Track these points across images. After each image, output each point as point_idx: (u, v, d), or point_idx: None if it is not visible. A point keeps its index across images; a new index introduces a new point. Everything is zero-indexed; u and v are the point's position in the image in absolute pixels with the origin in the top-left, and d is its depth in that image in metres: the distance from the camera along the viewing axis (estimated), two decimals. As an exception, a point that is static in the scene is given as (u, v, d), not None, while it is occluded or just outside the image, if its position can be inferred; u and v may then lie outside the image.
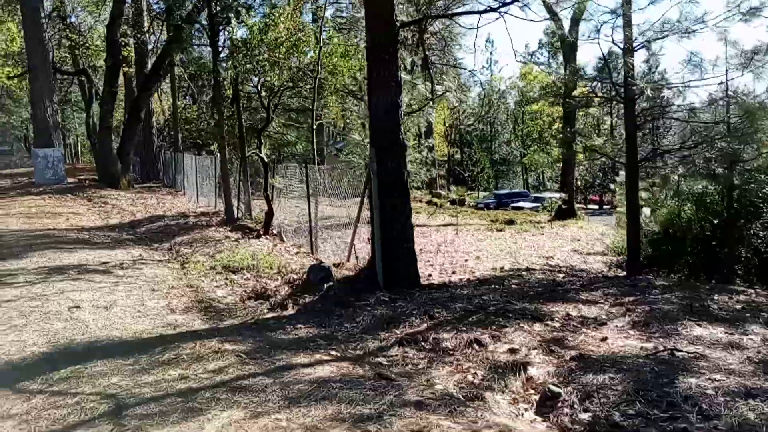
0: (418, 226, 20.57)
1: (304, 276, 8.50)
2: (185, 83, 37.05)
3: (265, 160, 13.14)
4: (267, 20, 11.91)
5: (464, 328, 6.48)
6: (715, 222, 12.26)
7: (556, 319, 6.90)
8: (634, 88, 10.25)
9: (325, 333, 6.56)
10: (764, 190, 11.27)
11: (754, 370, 4.93)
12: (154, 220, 16.59)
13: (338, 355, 5.80)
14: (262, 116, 16.74)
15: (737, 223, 11.68)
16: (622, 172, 28.02)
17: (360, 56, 13.19)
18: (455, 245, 16.15)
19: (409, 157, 9.21)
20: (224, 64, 13.87)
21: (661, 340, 6.08)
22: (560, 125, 50.82)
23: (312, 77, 12.71)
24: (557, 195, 39.23)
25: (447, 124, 65.38)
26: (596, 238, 20.81)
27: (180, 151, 31.80)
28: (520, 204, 43.12)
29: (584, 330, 6.52)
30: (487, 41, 76.61)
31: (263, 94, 13.24)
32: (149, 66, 28.38)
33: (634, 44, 10.22)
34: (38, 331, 6.15)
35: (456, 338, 6.16)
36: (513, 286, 9.16)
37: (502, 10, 9.24)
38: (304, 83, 13.10)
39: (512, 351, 5.80)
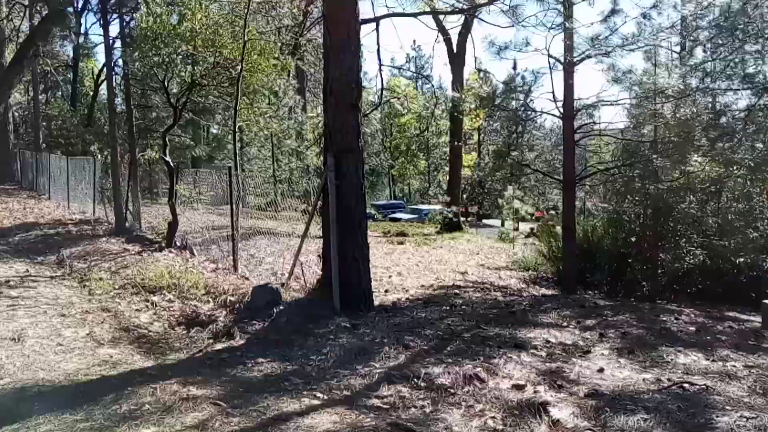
0: (314, 237, 19.76)
1: (246, 298, 7.49)
2: (51, 77, 33.89)
3: (171, 164, 11.83)
4: (181, 8, 10.71)
5: (449, 360, 5.87)
6: (631, 240, 12.48)
7: (539, 347, 6.46)
8: (575, 102, 10.11)
9: (293, 368, 5.68)
10: (680, 206, 11.55)
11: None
12: (27, 228, 14.64)
13: (326, 398, 4.96)
14: (160, 115, 15.27)
15: (652, 241, 11.91)
16: (510, 187, 28.66)
17: (278, 55, 12.24)
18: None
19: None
20: (120, 57, 12.41)
21: (655, 370, 5.87)
22: (446, 138, 51.69)
23: (227, 75, 11.58)
24: (436, 207, 39.65)
25: (317, 134, 64.74)
26: (492, 252, 20.93)
27: (40, 151, 29.01)
28: (398, 215, 43.05)
29: (574, 360, 6.11)
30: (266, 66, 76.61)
31: (174, 91, 11.92)
32: (6, 56, 25.54)
33: (575, 59, 10.08)
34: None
35: (448, 373, 5.50)
36: (464, 307, 8.64)
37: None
38: (217, 80, 11.91)
39: (518, 387, 5.24)
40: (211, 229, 12.65)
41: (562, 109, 10.16)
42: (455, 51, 29.79)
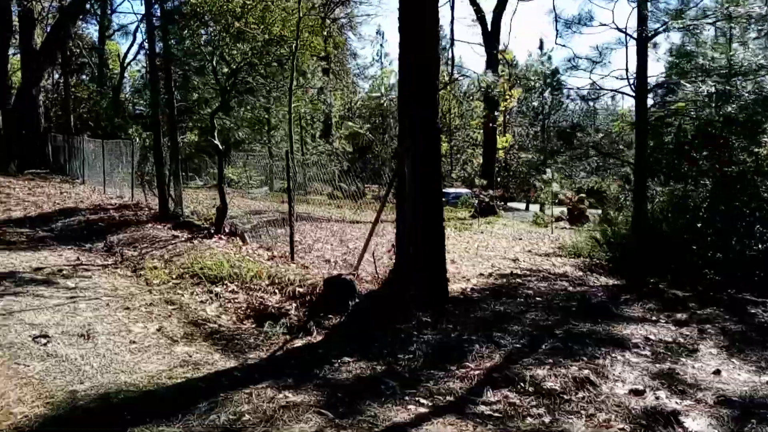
0: (348, 222, 19.30)
1: (317, 290, 7.08)
2: (76, 59, 33.62)
3: (220, 147, 11.42)
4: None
5: (549, 361, 5.42)
6: (696, 225, 11.87)
7: (640, 345, 5.99)
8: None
9: (383, 368, 5.27)
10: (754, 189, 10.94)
11: None
12: (68, 214, 14.35)
13: (430, 404, 4.55)
14: (203, 96, 14.85)
15: (722, 225, 11.31)
16: (549, 170, 28.08)
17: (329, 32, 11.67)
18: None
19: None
20: (167, 36, 11.94)
21: (775, 372, 5.36)
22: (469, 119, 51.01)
23: (276, 54, 11.07)
24: (461, 190, 38.99)
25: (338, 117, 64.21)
26: (534, 237, 20.34)
27: (72, 134, 28.80)
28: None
29: (683, 360, 5.64)
30: (377, 33, 76.00)
31: (225, 70, 11.46)
32: (35, 38, 25.25)
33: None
34: (15, 381, 4.46)
35: (554, 375, 5.07)
36: (538, 299, 8.16)
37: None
38: (266, 60, 11.41)
39: (636, 393, 4.79)
40: (255, 213, 12.24)
41: (635, 87, 9.58)
42: (490, 30, 29.05)
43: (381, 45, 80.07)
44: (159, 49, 14.12)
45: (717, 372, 5.31)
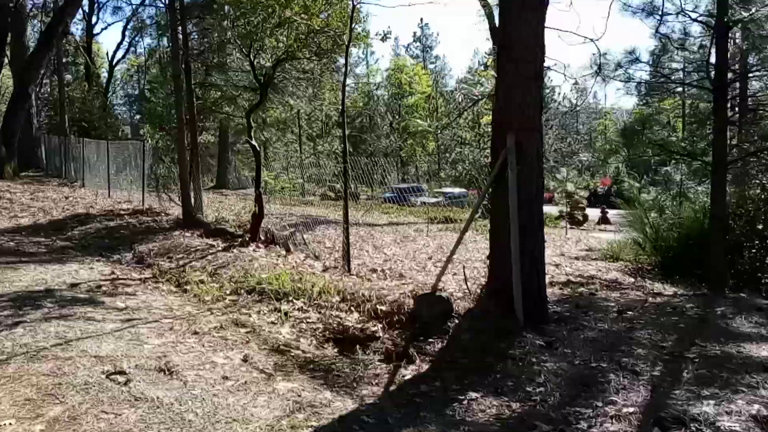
0: (368, 225, 18.54)
1: (404, 308, 6.32)
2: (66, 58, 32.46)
3: (257, 148, 10.61)
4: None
5: (706, 392, 4.70)
6: (757, 227, 11.25)
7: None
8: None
9: (519, 407, 4.54)
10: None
11: None
12: (82, 221, 13.48)
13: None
14: (226, 94, 13.97)
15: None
16: (564, 169, 27.39)
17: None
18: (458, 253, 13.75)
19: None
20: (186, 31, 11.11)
21: None
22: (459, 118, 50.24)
23: (316, 46, 10.23)
24: (455, 190, 38.37)
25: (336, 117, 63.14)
26: (557, 239, 19.72)
27: (66, 135, 27.78)
28: (423, 199, 41.68)
29: None
30: (362, 31, 75.07)
31: (266, 64, 10.59)
32: (27, 34, 24.21)
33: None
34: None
35: (726, 413, 4.35)
36: (630, 312, 7.44)
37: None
38: (307, 52, 10.59)
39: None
40: (287, 217, 11.46)
41: (713, 80, 8.92)
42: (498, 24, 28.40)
43: (367, 45, 79.29)
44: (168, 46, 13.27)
45: None
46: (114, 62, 50.71)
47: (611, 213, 29.15)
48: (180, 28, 12.49)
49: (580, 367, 5.29)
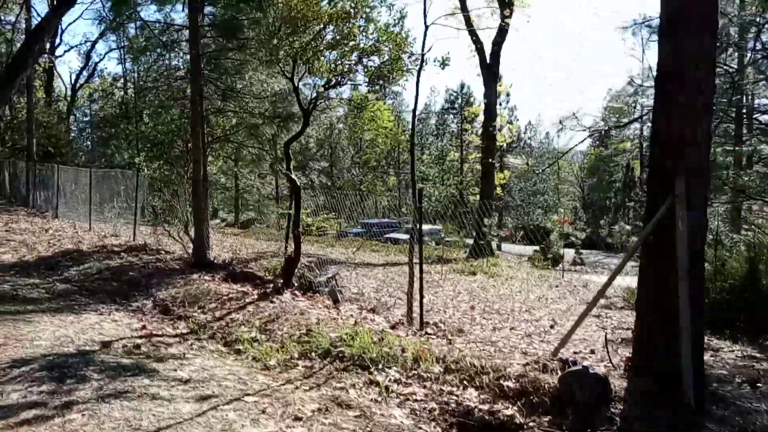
0: (365, 265, 17.33)
1: (545, 387, 5.21)
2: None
3: (297, 182, 9.43)
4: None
5: None
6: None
7: None
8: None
9: None
10: None
11: None
12: (75, 259, 11.98)
13: None
14: (246, 121, 12.74)
15: None
16: (561, 209, 26.68)
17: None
18: (480, 300, 12.55)
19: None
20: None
21: None
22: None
23: (371, 69, 9.15)
24: (427, 227, 37.37)
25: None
26: (569, 286, 18.73)
27: (33, 160, 26.00)
28: (395, 235, 40.53)
29: None
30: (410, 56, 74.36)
31: (321, 88, 9.43)
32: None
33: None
34: None
35: None
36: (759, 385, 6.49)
37: None
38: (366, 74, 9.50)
39: None
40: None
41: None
42: (488, 61, 27.89)
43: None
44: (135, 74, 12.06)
45: None
46: (77, 86, 48.80)
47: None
48: (197, 47, 11.31)
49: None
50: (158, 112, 12.29)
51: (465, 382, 5.63)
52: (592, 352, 6.76)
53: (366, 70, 9.48)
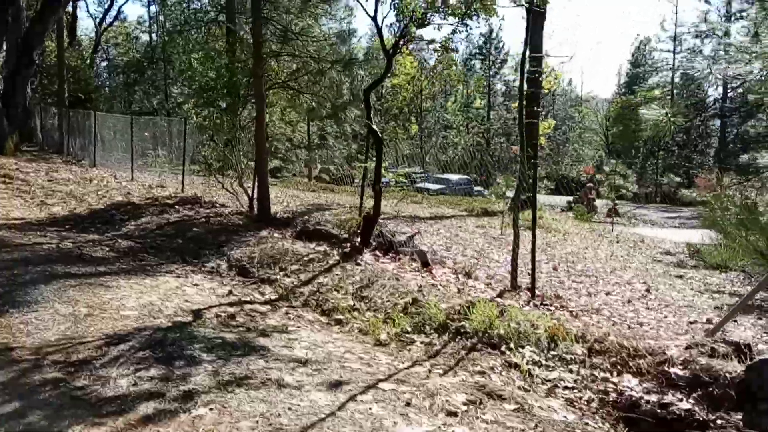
0: (414, 218, 16.66)
1: (725, 375, 4.52)
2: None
3: (379, 133, 8.67)
4: None
5: None
6: None
7: None
8: None
9: None
10: None
11: None
12: (130, 213, 11.40)
13: None
14: (307, 66, 11.88)
15: None
16: (613, 161, 25.69)
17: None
18: (554, 258, 11.72)
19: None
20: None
21: None
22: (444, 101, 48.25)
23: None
24: (455, 177, 36.44)
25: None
26: (620, 242, 17.85)
27: (65, 106, 25.40)
28: (427, 186, 39.66)
29: None
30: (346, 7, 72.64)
31: (413, 26, 8.51)
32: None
33: None
34: None
35: None
36: None
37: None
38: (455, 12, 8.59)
39: None
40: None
41: None
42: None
43: (348, 22, 76.59)
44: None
45: None
46: (101, 30, 47.83)
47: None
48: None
49: None
50: (210, 56, 11.39)
51: (618, 366, 4.95)
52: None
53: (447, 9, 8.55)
